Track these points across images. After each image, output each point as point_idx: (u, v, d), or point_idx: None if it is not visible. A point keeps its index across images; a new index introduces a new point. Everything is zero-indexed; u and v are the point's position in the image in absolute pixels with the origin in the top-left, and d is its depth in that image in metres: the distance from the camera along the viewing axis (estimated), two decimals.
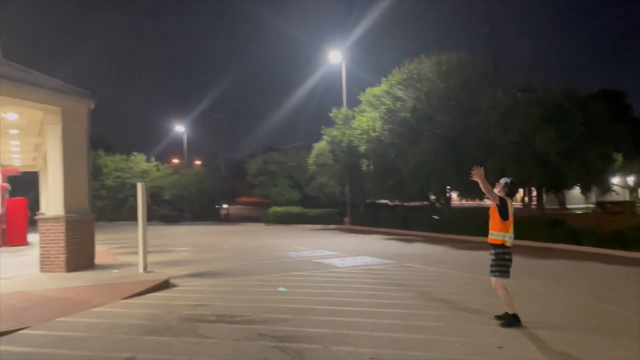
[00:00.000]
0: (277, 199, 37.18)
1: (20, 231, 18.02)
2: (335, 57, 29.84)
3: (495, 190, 6.30)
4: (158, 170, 50.30)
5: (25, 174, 25.11)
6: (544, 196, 24.80)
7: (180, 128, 53.02)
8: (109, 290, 8.76)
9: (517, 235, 16.08)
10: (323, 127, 27.69)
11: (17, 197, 19.24)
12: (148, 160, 50.10)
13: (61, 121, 10.83)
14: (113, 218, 47.48)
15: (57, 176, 10.86)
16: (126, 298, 8.22)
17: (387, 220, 25.75)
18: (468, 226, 19.21)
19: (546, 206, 26.60)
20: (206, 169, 50.97)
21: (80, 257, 10.96)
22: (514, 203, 6.45)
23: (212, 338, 5.84)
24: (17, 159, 22.35)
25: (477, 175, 6.11)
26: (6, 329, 6.18)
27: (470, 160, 18.57)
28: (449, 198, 25.08)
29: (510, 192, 6.33)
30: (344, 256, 13.87)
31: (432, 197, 25.35)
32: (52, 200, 10.93)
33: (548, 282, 9.46)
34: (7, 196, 20.02)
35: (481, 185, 6.13)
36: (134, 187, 39.02)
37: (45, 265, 10.67)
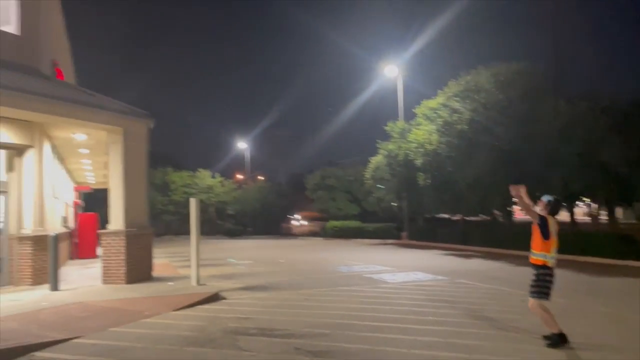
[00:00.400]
0: (336, 213, 37.31)
1: (90, 245, 19.13)
2: (391, 71, 29.77)
3: (537, 209, 6.06)
4: (222, 185, 51.86)
5: (99, 190, 26.69)
6: (620, 210, 23.38)
7: (242, 144, 54.48)
8: (162, 302, 9.12)
9: (582, 251, 15.45)
10: (379, 141, 27.61)
11: (87, 213, 20.47)
12: (213, 176, 51.81)
13: (122, 140, 11.49)
14: (180, 232, 49.28)
15: (118, 192, 11.51)
16: (177, 310, 8.52)
17: (445, 235, 25.18)
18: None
19: (623, 221, 25.04)
20: (268, 184, 52.00)
21: (139, 270, 11.50)
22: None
23: (250, 351, 5.95)
24: (91, 177, 23.82)
25: (516, 193, 5.91)
26: (62, 338, 6.58)
27: (531, 173, 17.92)
28: (511, 212, 24.19)
29: (553, 210, 6.05)
30: (395, 271, 13.70)
31: (496, 211, 24.55)
32: (113, 215, 11.56)
33: (609, 301, 8.92)
34: (79, 211, 21.37)
35: (519, 203, 5.93)
36: (200, 202, 40.51)
37: (107, 277, 11.28)
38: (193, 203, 11.05)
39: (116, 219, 11.48)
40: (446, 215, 34.07)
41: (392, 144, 26.56)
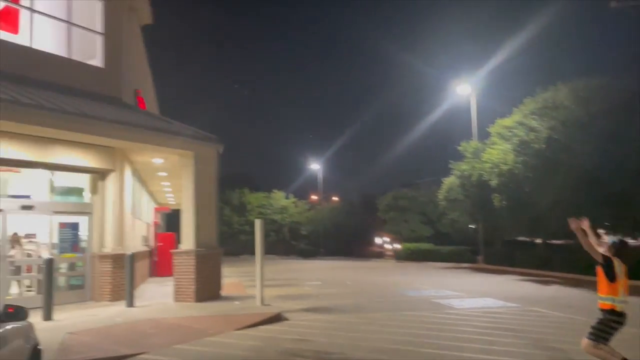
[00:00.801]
0: (408, 235, 36.64)
1: (169, 263, 19.96)
2: (464, 89, 29.14)
3: (601, 249, 5.59)
4: (296, 206, 52.74)
5: (179, 211, 28.09)
6: None
7: (315, 165, 55.06)
8: (226, 321, 9.37)
9: None
10: (451, 161, 26.96)
11: (166, 232, 21.52)
12: (287, 197, 52.84)
13: (193, 164, 12.06)
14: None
15: (189, 213, 12.05)
16: (239, 329, 8.71)
17: (523, 259, 23.96)
18: None
19: None
20: (340, 205, 52.14)
21: (208, 289, 11.90)
22: None
23: None
24: (171, 198, 25.11)
25: (575, 226, 5.48)
26: (129, 353, 6.93)
27: (615, 193, 16.76)
28: (598, 235, 22.61)
29: (618, 252, 5.50)
30: (465, 297, 13.21)
31: None
32: (184, 235, 12.11)
33: None
34: (159, 231, 22.52)
35: (581, 240, 5.48)
36: (275, 222, 41.21)
37: (178, 295, 11.78)
38: (257, 224, 11.34)
39: (187, 239, 12.01)
40: (526, 239, 32.48)
41: (466, 164, 25.82)
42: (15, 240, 11.17)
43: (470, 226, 30.22)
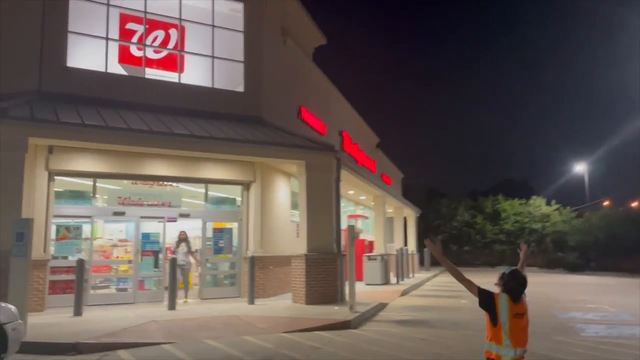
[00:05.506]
0: None
1: (359, 268, 20.74)
2: None
3: (496, 281, 3.88)
4: (560, 214, 46.79)
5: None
6: None
7: (580, 167, 47.78)
8: (292, 323, 9.57)
9: None
10: None
11: (361, 239, 22.34)
12: (548, 204, 47.38)
13: (305, 172, 12.58)
14: (515, 263, 46.53)
15: (303, 219, 12.58)
16: (288, 332, 8.77)
17: None
18: None
19: None
20: (614, 211, 44.10)
21: (320, 292, 12.09)
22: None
23: None
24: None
25: (433, 250, 3.94)
26: (155, 342, 7.84)
27: None
28: None
29: (508, 287, 3.72)
30: (620, 324, 10.11)
31: None
32: (300, 240, 12.65)
33: None
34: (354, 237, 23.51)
35: (444, 266, 3.91)
36: (534, 232, 37.81)
37: (294, 296, 12.40)
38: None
39: (302, 244, 12.52)
40: None
41: None
42: (182, 239, 13.30)
43: None
